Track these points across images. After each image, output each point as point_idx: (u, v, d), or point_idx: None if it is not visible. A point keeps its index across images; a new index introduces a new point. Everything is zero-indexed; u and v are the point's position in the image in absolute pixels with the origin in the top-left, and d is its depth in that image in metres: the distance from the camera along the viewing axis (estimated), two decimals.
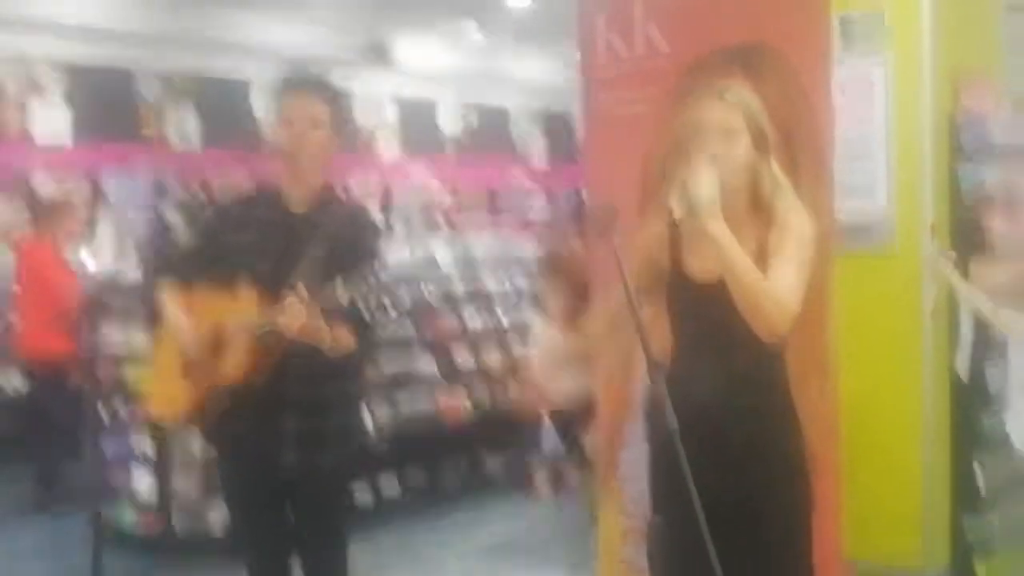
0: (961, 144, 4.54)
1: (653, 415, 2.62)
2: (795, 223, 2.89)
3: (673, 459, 2.54)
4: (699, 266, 2.96)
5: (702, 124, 2.90)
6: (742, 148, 2.89)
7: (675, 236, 3.03)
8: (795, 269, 2.82)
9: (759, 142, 2.91)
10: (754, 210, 2.92)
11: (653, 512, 2.72)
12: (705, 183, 2.78)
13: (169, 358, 3.60)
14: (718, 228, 2.77)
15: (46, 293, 7.07)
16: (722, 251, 2.77)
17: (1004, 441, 4.48)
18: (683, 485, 2.44)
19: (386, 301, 3.18)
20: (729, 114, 2.89)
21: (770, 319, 2.77)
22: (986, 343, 4.37)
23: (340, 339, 3.35)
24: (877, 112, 4.38)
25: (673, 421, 2.60)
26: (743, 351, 2.86)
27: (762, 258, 2.85)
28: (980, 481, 4.52)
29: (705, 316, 2.93)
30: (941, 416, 4.39)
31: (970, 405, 4.49)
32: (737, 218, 2.86)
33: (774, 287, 2.77)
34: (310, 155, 3.49)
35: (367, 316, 3.27)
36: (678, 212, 2.78)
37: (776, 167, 2.96)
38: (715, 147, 2.86)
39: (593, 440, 4.48)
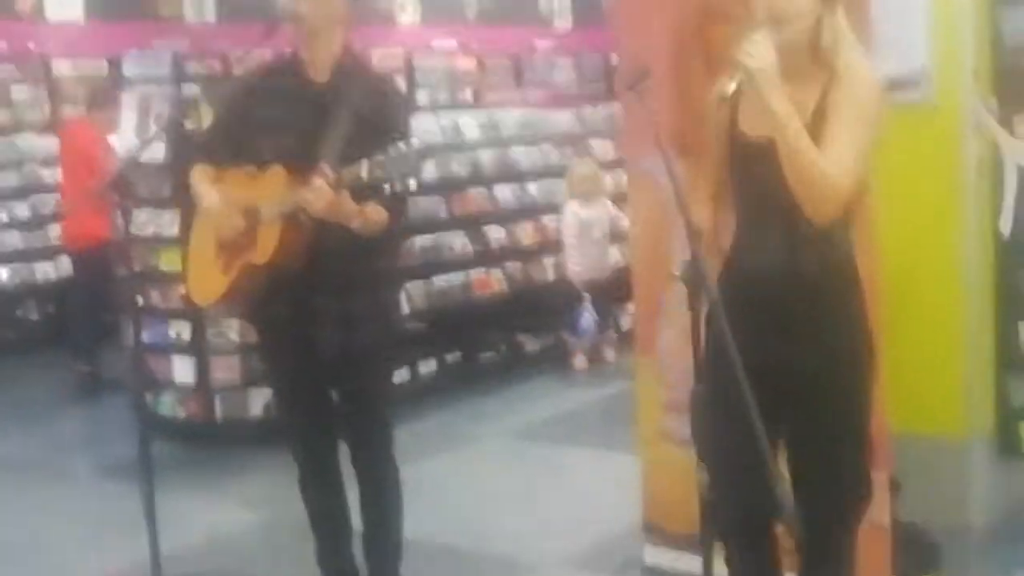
0: None
1: (693, 283, 2.53)
2: (859, 80, 2.74)
3: (716, 328, 2.47)
4: (759, 126, 2.81)
5: None
6: None
7: (734, 95, 2.87)
8: (854, 139, 2.68)
9: None
10: (814, 62, 2.77)
11: (696, 381, 2.65)
12: (760, 51, 2.64)
13: (205, 240, 3.59)
14: (776, 99, 2.64)
15: (92, 176, 7.00)
16: (778, 124, 2.64)
17: None
18: (725, 351, 2.36)
19: (413, 175, 3.11)
20: None
21: (821, 202, 2.66)
22: None
23: (369, 217, 3.31)
24: None
25: (713, 289, 2.52)
26: (800, 211, 2.72)
27: (822, 117, 2.71)
28: None
29: (763, 178, 2.79)
30: (985, 276, 4.29)
31: (1015, 265, 4.37)
32: (797, 72, 2.73)
33: (829, 168, 2.64)
34: (321, 21, 3.41)
35: (395, 191, 3.21)
36: (729, 86, 2.66)
37: (841, 17, 2.79)
38: None
39: (631, 311, 4.41)
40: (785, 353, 2.78)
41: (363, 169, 3.12)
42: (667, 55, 3.91)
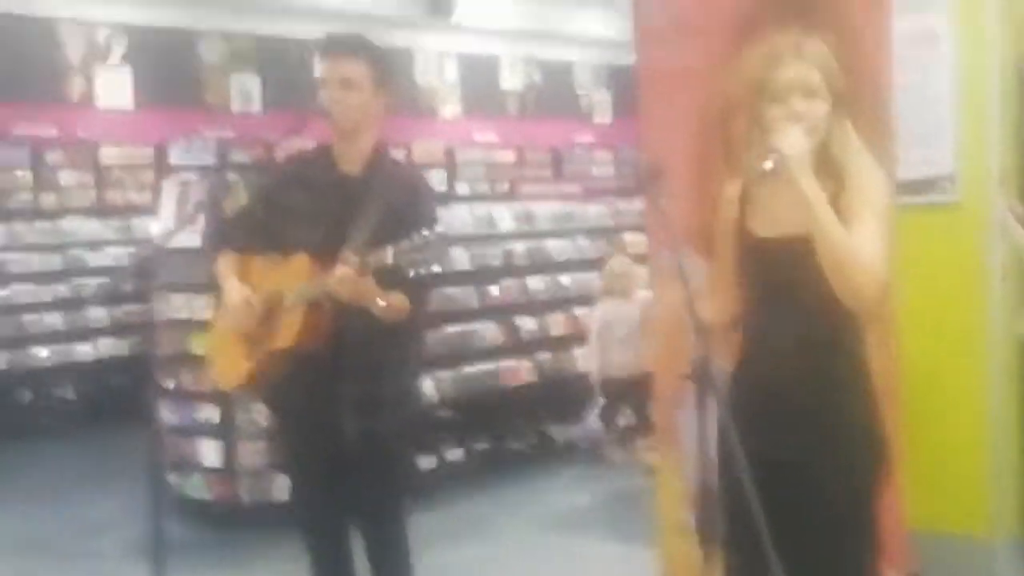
0: None
1: (700, 378, 2.54)
2: (871, 184, 2.78)
3: (722, 424, 2.48)
4: (771, 227, 2.87)
5: (782, 82, 2.79)
6: (821, 105, 2.79)
7: (744, 194, 2.94)
8: (875, 232, 2.71)
9: (836, 100, 2.81)
10: (824, 171, 2.80)
11: (698, 477, 2.65)
12: (795, 139, 2.70)
13: (228, 327, 3.62)
14: (811, 187, 2.68)
15: None
16: (813, 209, 2.67)
17: None
18: (732, 451, 2.36)
19: (437, 261, 3.14)
20: (809, 72, 2.79)
21: (859, 283, 2.67)
22: None
23: (393, 304, 3.34)
24: (941, 61, 4.22)
25: (721, 386, 2.54)
26: (814, 312, 2.77)
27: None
28: None
29: (774, 276, 2.85)
30: (1009, 379, 4.24)
31: None
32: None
33: (862, 251, 2.67)
34: (347, 116, 3.46)
35: (418, 279, 3.25)
36: (769, 168, 2.68)
37: (850, 127, 2.85)
38: (796, 105, 2.77)
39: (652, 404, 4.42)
40: (790, 451, 2.78)
41: (388, 255, 3.16)
42: (690, 151, 3.95)
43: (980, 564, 4.13)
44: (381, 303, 3.29)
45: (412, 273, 3.17)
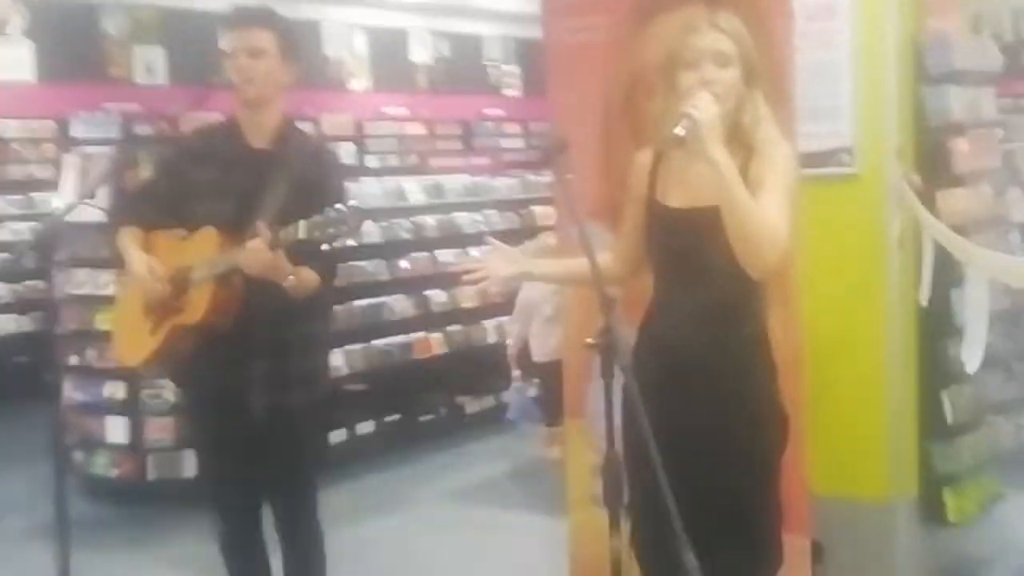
0: (926, 68, 4.47)
1: (604, 348, 2.58)
2: (779, 156, 2.84)
3: (628, 395, 2.52)
4: (679, 197, 2.91)
5: (695, 50, 2.83)
6: (734, 75, 2.83)
7: (655, 165, 2.98)
8: (781, 202, 2.76)
9: (748, 71, 2.85)
10: (734, 140, 2.85)
11: (608, 445, 2.69)
12: (706, 106, 2.72)
13: (133, 302, 3.58)
14: (719, 153, 2.70)
15: None
16: (722, 177, 2.69)
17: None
18: (637, 418, 2.40)
19: (351, 235, 3.14)
20: (724, 41, 2.83)
21: (764, 251, 2.71)
22: (951, 272, 4.33)
23: (303, 279, 3.33)
24: (840, 37, 4.30)
25: (626, 356, 2.57)
26: (720, 282, 2.82)
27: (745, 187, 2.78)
28: (947, 410, 4.52)
29: (681, 246, 2.90)
30: (907, 345, 4.36)
31: (936, 334, 4.48)
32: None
33: (769, 218, 2.71)
34: (253, 85, 3.44)
35: (329, 254, 3.23)
36: (680, 134, 2.70)
37: (761, 99, 2.89)
38: (709, 73, 2.80)
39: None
40: (693, 418, 2.84)
41: (301, 229, 3.14)
42: (597, 125, 3.99)
43: (879, 527, 4.25)
44: (292, 279, 3.28)
45: (324, 247, 3.16)
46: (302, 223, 3.14)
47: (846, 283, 4.20)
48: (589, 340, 2.59)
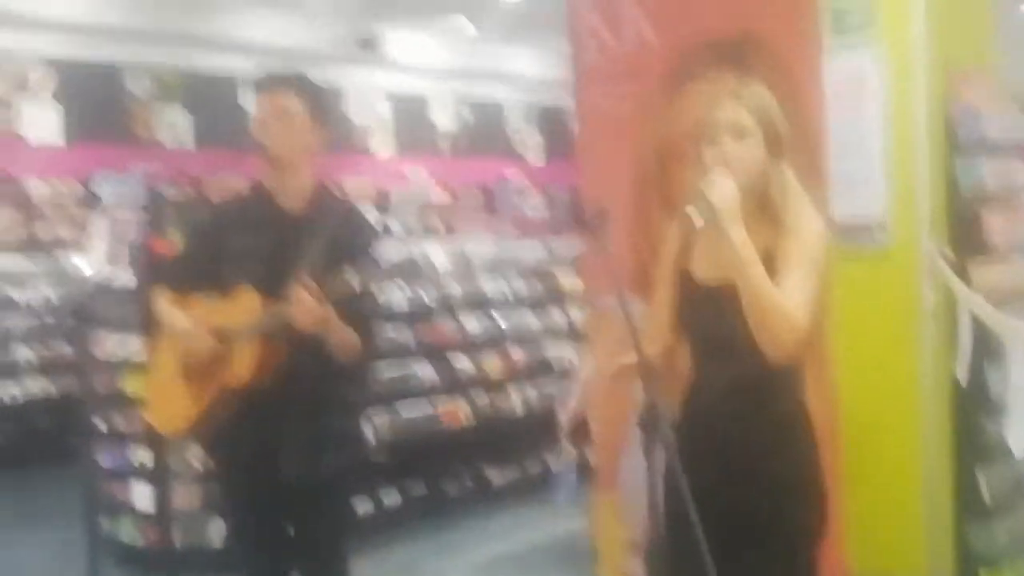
0: (957, 139, 4.46)
1: (647, 424, 2.55)
2: (807, 231, 2.81)
3: (669, 471, 2.47)
4: (710, 270, 2.90)
5: (714, 124, 2.83)
6: (753, 147, 2.81)
7: (686, 239, 2.97)
8: (805, 283, 2.74)
9: (772, 144, 2.83)
10: (762, 214, 2.84)
11: (650, 522, 2.65)
12: (723, 187, 2.72)
13: (168, 366, 3.56)
14: (738, 235, 2.70)
15: None
16: (739, 259, 2.69)
17: (1008, 448, 4.41)
18: (681, 498, 2.36)
19: (384, 301, 3.13)
20: (742, 113, 2.81)
21: (778, 335, 2.69)
22: (987, 346, 4.29)
23: (346, 337, 3.33)
24: (871, 106, 4.31)
25: (668, 432, 2.54)
26: (752, 357, 2.77)
27: (770, 265, 2.76)
28: (984, 489, 4.45)
29: (714, 322, 2.86)
30: (942, 422, 4.30)
31: (972, 411, 4.41)
32: (745, 222, 2.77)
33: (785, 303, 2.69)
34: (287, 152, 3.46)
35: (370, 315, 3.24)
36: (698, 218, 2.69)
37: (789, 171, 2.87)
38: (727, 147, 2.80)
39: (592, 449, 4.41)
40: (729, 497, 2.79)
41: (349, 278, 3.13)
42: (628, 193, 3.99)
43: None
44: (339, 334, 3.27)
45: (367, 309, 3.12)
46: (350, 270, 3.13)
47: (879, 356, 4.17)
48: (634, 417, 2.56)
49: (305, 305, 3.16)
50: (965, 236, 4.42)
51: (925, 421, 4.20)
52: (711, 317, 2.87)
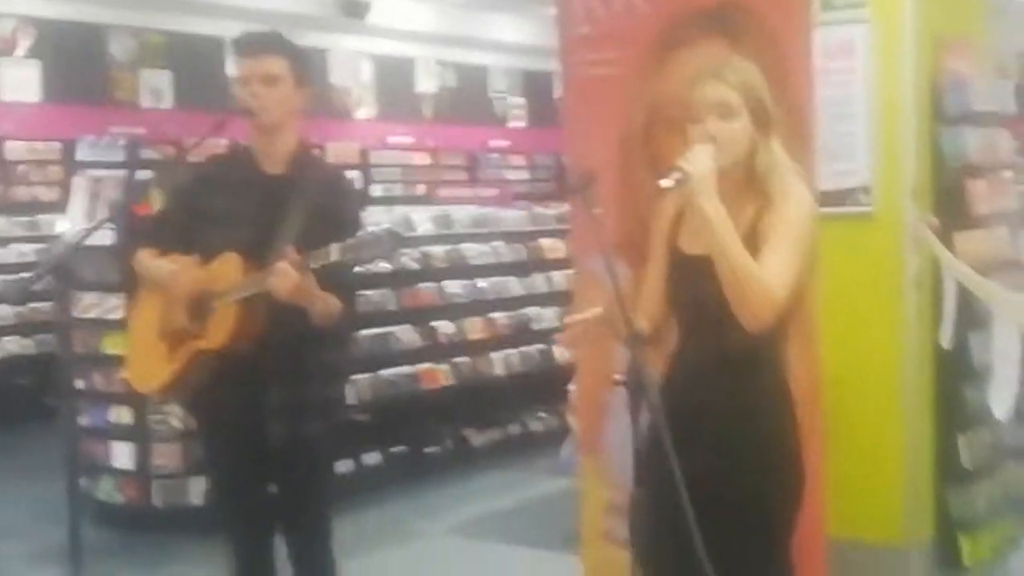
0: (943, 108, 4.48)
1: (633, 386, 2.56)
2: (792, 205, 2.80)
3: (655, 433, 2.49)
4: (695, 242, 2.90)
5: (699, 103, 2.82)
6: (739, 126, 2.80)
7: (676, 212, 2.97)
8: (787, 256, 2.74)
9: (758, 119, 2.83)
10: (749, 187, 2.84)
11: (635, 485, 2.67)
12: (700, 160, 2.72)
13: (148, 326, 3.54)
14: (711, 207, 2.70)
15: None
16: (713, 232, 2.70)
17: (988, 414, 4.45)
18: (665, 459, 2.38)
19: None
20: (727, 92, 2.80)
21: (755, 308, 2.70)
22: (970, 313, 4.32)
23: (327, 304, 3.30)
24: (858, 75, 4.32)
25: (654, 394, 2.55)
26: (735, 331, 2.77)
27: (754, 239, 2.77)
28: (964, 455, 4.49)
29: (697, 291, 2.86)
30: (924, 388, 4.35)
31: (954, 377, 4.46)
32: (731, 195, 2.79)
33: (763, 275, 2.70)
34: (269, 111, 3.43)
35: (350, 281, 3.21)
36: (668, 182, 2.70)
37: (776, 144, 2.86)
38: (711, 125, 2.79)
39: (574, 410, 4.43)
40: (705, 468, 2.75)
41: (333, 252, 3.10)
42: (615, 159, 3.99)
43: (894, 571, 4.22)
44: (320, 303, 3.26)
45: (345, 273, 3.13)
46: (334, 246, 3.11)
47: (862, 322, 4.19)
48: (616, 376, 2.58)
49: (284, 275, 3.13)
50: (949, 204, 4.46)
51: (907, 386, 4.23)
52: (695, 288, 2.87)
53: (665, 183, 2.71)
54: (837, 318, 3.92)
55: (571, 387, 6.74)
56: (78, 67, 10.91)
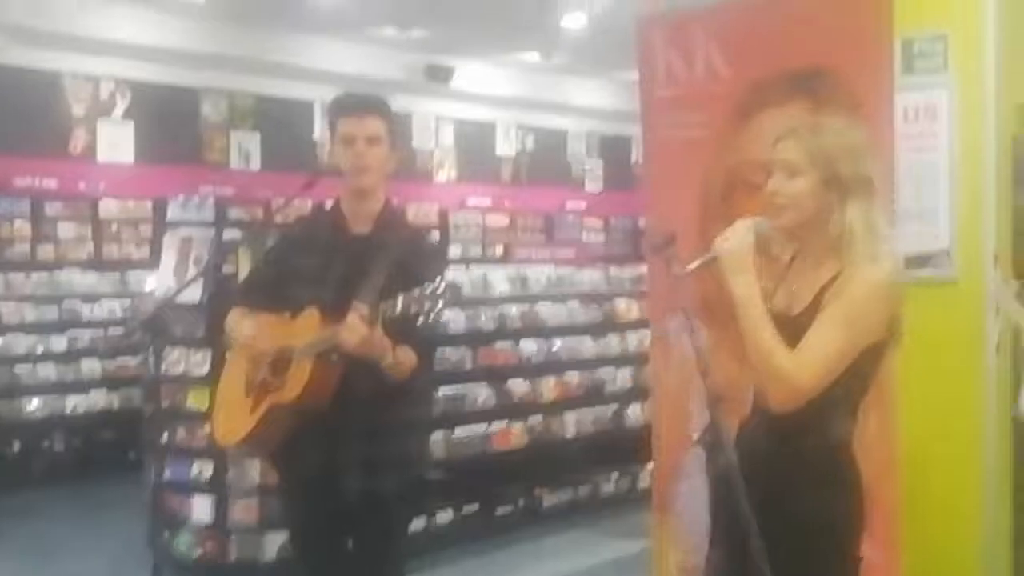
0: None
1: (712, 446, 2.56)
2: (862, 277, 2.71)
3: (731, 493, 2.48)
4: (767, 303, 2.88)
5: (772, 160, 2.82)
6: (804, 185, 2.76)
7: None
8: (834, 334, 2.67)
9: (832, 180, 2.76)
10: (826, 250, 2.79)
11: (711, 547, 2.66)
12: (738, 235, 2.73)
13: (236, 382, 3.63)
14: (741, 286, 2.70)
15: None
16: (739, 311, 2.69)
17: None
18: (741, 520, 2.37)
19: (443, 307, 3.14)
20: (795, 150, 2.78)
21: (775, 393, 2.68)
22: None
23: (401, 358, 3.35)
24: (940, 139, 4.31)
25: (732, 454, 2.54)
26: None
27: (819, 305, 2.74)
28: None
29: None
30: (1004, 458, 4.26)
31: None
32: (813, 254, 2.79)
33: (786, 362, 2.65)
34: (371, 172, 3.52)
35: (427, 336, 3.27)
36: (692, 268, 2.72)
37: (857, 209, 2.76)
38: (776, 183, 2.79)
39: (650, 472, 4.42)
40: (775, 527, 2.68)
41: (398, 303, 3.14)
42: (695, 220, 4.02)
43: None
44: (390, 357, 3.30)
45: (421, 321, 3.13)
46: (400, 297, 3.15)
47: (942, 390, 4.14)
48: (694, 435, 2.58)
49: (353, 328, 3.18)
50: None
51: (987, 456, 4.14)
52: None
53: (691, 266, 2.73)
54: (918, 383, 3.88)
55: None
56: (171, 128, 11.20)
